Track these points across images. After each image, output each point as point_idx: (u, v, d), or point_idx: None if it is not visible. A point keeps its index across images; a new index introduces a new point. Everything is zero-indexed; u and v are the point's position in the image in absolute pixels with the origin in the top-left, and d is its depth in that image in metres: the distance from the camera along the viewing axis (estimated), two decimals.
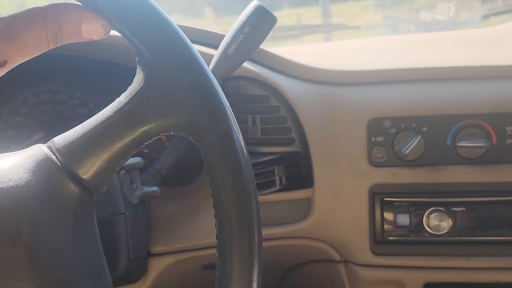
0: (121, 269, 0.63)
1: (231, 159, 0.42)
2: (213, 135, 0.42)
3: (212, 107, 0.42)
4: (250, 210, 0.42)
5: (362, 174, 0.78)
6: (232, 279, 0.41)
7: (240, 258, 0.42)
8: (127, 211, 0.64)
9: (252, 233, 0.42)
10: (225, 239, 0.42)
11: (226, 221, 0.42)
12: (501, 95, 0.75)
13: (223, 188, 0.42)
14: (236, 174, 0.41)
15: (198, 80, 0.42)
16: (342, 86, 0.80)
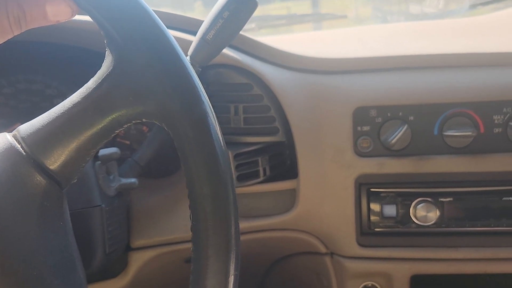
0: (97, 263, 0.61)
1: (206, 147, 0.39)
2: (186, 121, 0.39)
3: (185, 92, 0.40)
4: (226, 201, 0.40)
5: (348, 164, 0.77)
6: (208, 273, 0.39)
7: (216, 251, 0.40)
8: (103, 203, 0.62)
9: (228, 225, 0.40)
10: (200, 231, 0.40)
11: (200, 212, 0.40)
12: (489, 83, 0.74)
13: (197, 178, 0.39)
14: (211, 163, 0.39)
15: (171, 64, 0.40)
16: (327, 75, 0.78)
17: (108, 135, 0.44)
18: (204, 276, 0.39)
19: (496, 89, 0.73)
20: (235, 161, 0.76)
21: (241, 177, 0.77)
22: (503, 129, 0.73)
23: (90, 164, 0.61)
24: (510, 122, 0.73)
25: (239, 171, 0.76)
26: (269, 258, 0.97)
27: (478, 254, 0.77)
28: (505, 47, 0.76)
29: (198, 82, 0.40)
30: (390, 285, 0.81)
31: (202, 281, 0.39)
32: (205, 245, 0.39)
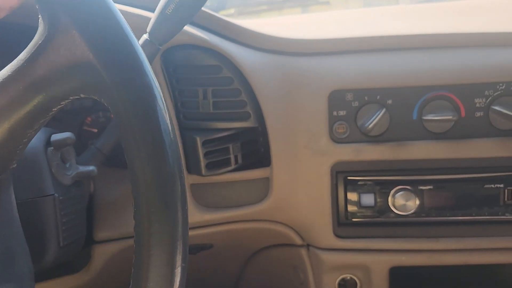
0: (51, 257, 0.57)
1: (148, 124, 0.35)
2: (126, 96, 0.35)
3: (124, 62, 0.35)
4: (171, 185, 0.35)
5: (323, 151, 0.73)
6: (150, 265, 0.35)
7: (159, 241, 0.35)
8: (57, 192, 0.57)
9: (174, 211, 0.35)
10: (142, 219, 0.35)
11: (142, 198, 0.35)
12: (470, 65, 0.70)
13: (138, 160, 0.35)
14: (154, 143, 0.35)
15: (109, 32, 0.35)
16: (301, 56, 0.74)
17: (45, 113, 0.39)
18: (146, 268, 0.35)
19: (478, 71, 0.69)
20: (204, 148, 0.72)
21: (211, 165, 0.73)
22: (485, 113, 0.70)
23: (41, 150, 0.57)
24: (492, 106, 0.69)
25: (209, 159, 0.72)
26: (246, 251, 0.93)
27: (459, 245, 0.74)
28: (486, 28, 0.73)
29: (141, 53, 0.36)
30: (368, 278, 0.77)
31: (144, 273, 0.35)
32: (147, 234, 0.35)
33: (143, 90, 0.35)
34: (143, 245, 0.35)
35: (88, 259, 0.74)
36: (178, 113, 0.73)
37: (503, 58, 0.69)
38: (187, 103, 0.73)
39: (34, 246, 0.53)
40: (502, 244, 0.73)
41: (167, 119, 0.36)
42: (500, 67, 0.69)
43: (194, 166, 0.73)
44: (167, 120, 0.36)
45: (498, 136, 0.70)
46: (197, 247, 0.83)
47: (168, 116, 0.36)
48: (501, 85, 0.69)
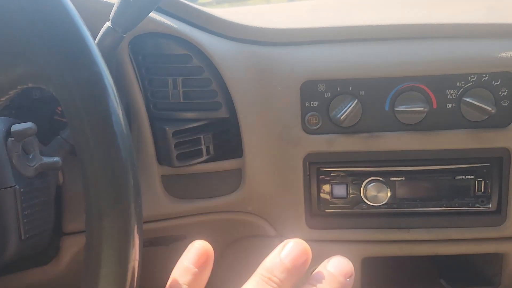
0: (12, 250, 0.55)
1: (96, 115, 0.34)
2: (73, 85, 0.34)
3: (71, 50, 0.34)
4: (122, 176, 0.34)
5: (295, 142, 0.72)
6: (101, 261, 0.34)
7: (110, 236, 0.34)
8: (18, 184, 0.56)
9: (126, 205, 0.35)
10: (92, 213, 0.34)
11: (92, 191, 0.34)
12: (442, 56, 0.70)
13: (87, 150, 0.34)
14: (102, 133, 0.34)
15: (55, 16, 0.34)
16: (273, 46, 0.72)
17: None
18: (96, 264, 0.34)
19: (450, 62, 0.69)
20: (175, 139, 0.70)
21: (181, 156, 0.71)
22: (456, 105, 0.70)
23: (1, 141, 0.55)
24: (464, 97, 0.69)
25: (179, 150, 0.71)
26: (219, 243, 0.92)
27: (429, 236, 0.74)
28: (459, 19, 0.72)
29: (90, 40, 0.35)
30: None
31: (95, 271, 0.34)
32: (98, 228, 0.34)
33: (91, 80, 0.34)
34: (94, 240, 0.34)
35: (57, 251, 0.73)
36: (148, 103, 0.72)
37: (475, 49, 0.69)
38: (157, 93, 0.71)
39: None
40: (471, 235, 0.73)
41: (118, 109, 0.35)
42: (471, 59, 0.69)
43: (165, 157, 0.72)
44: (118, 111, 0.35)
45: (469, 127, 0.70)
46: (170, 238, 0.82)
47: (120, 106, 0.35)
48: (473, 76, 0.68)
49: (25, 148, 0.59)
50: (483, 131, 0.70)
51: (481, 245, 0.74)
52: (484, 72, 0.68)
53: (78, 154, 0.35)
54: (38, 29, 0.34)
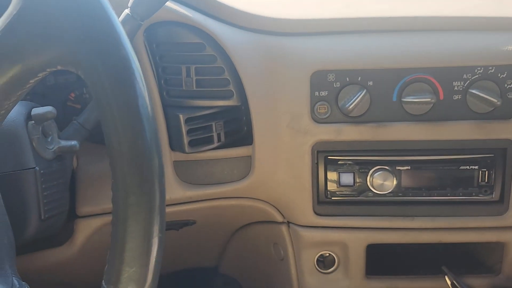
0: (32, 229, 0.58)
1: (123, 96, 0.36)
2: (101, 68, 0.36)
3: (100, 34, 0.36)
4: (147, 157, 0.36)
5: (304, 131, 0.74)
6: (127, 235, 0.36)
7: (136, 212, 0.36)
8: (38, 166, 0.58)
9: (151, 183, 0.36)
10: (118, 190, 0.36)
11: (118, 170, 0.36)
12: (450, 48, 0.71)
13: (114, 131, 0.36)
14: (130, 115, 0.36)
15: (87, 3, 0.36)
16: (285, 36, 0.74)
17: (21, 85, 0.40)
18: (123, 238, 0.36)
19: (457, 54, 0.71)
20: (187, 125, 0.72)
21: (193, 142, 0.73)
22: (463, 96, 0.71)
23: (22, 124, 0.57)
24: (470, 89, 0.71)
25: (191, 136, 0.73)
26: (228, 228, 0.95)
27: (433, 224, 0.76)
28: (466, 12, 0.74)
29: (118, 25, 0.36)
30: (346, 254, 0.80)
31: (121, 244, 0.36)
32: (124, 205, 0.36)
33: (119, 63, 0.36)
34: (120, 217, 0.36)
35: (71, 233, 0.75)
36: (161, 91, 0.73)
37: (482, 42, 0.71)
38: (171, 81, 0.73)
39: (16, 219, 0.54)
40: (474, 224, 0.75)
41: (145, 92, 0.36)
42: (478, 51, 0.70)
43: (177, 143, 0.74)
44: (144, 94, 0.36)
45: (474, 119, 0.72)
46: (180, 223, 0.84)
47: (146, 90, 0.37)
48: (479, 68, 0.70)
49: (44, 132, 0.61)
50: (488, 122, 0.71)
51: (483, 234, 0.76)
52: (490, 65, 0.69)
53: (106, 134, 0.36)
54: (70, 14, 0.35)
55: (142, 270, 0.36)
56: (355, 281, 0.81)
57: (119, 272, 0.36)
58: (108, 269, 0.37)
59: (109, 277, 0.36)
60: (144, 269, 0.36)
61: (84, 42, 0.35)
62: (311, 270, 0.82)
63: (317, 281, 0.82)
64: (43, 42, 0.36)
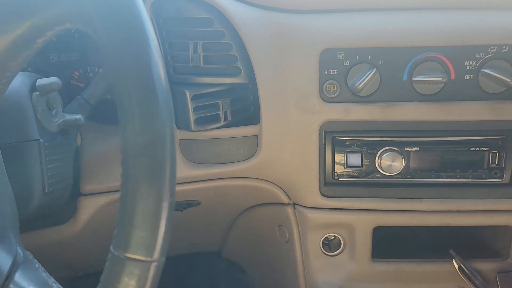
0: (36, 202, 0.56)
1: (137, 56, 0.35)
2: (114, 25, 0.34)
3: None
4: (160, 118, 0.35)
5: (312, 110, 0.73)
6: (137, 197, 0.35)
7: (146, 174, 0.35)
8: (42, 138, 0.57)
9: (162, 144, 0.35)
10: (128, 150, 0.35)
11: (129, 129, 0.35)
12: (462, 27, 0.70)
13: (125, 91, 0.35)
14: (142, 74, 0.34)
15: None
16: (293, 13, 0.73)
17: (29, 45, 0.38)
18: (133, 200, 0.35)
19: (470, 33, 0.69)
20: (194, 103, 0.71)
21: (200, 120, 0.72)
22: (475, 76, 0.70)
23: (26, 94, 0.56)
24: (482, 69, 0.69)
25: (197, 114, 0.72)
26: (233, 209, 0.94)
27: (442, 206, 0.75)
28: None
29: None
30: (352, 236, 0.79)
31: (131, 207, 0.35)
32: (134, 166, 0.35)
33: (132, 22, 0.34)
34: (130, 179, 0.35)
35: (74, 211, 0.74)
36: (168, 67, 0.72)
37: (495, 20, 0.69)
38: (177, 57, 0.72)
39: (20, 191, 0.53)
40: (483, 207, 0.74)
41: (158, 54, 0.35)
42: (492, 30, 0.69)
43: (183, 121, 0.73)
44: (157, 56, 0.35)
45: (486, 99, 0.71)
46: (185, 203, 0.83)
47: (158, 51, 0.36)
48: (493, 48, 0.69)
49: (48, 104, 0.60)
50: (500, 103, 0.70)
51: (492, 217, 0.75)
52: (504, 44, 0.68)
53: (117, 95, 0.35)
54: None
55: (152, 235, 0.35)
56: (361, 264, 0.80)
57: (128, 236, 0.35)
58: (117, 233, 0.36)
59: (118, 241, 0.35)
60: (154, 233, 0.35)
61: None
62: (317, 252, 0.81)
63: (322, 264, 0.81)
64: None
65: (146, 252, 0.35)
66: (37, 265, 0.43)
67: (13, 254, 0.43)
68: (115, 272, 0.35)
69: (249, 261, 1.10)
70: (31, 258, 0.44)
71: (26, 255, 0.44)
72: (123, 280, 0.35)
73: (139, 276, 0.35)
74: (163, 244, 0.36)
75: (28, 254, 0.44)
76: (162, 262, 0.36)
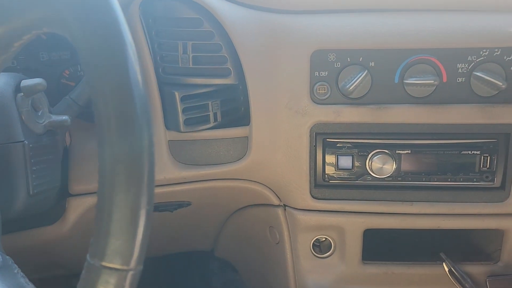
0: (20, 204, 0.56)
1: (114, 59, 0.34)
2: (90, 28, 0.34)
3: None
4: (137, 122, 0.34)
5: (303, 111, 0.72)
6: (113, 205, 0.35)
7: (123, 181, 0.35)
8: (27, 140, 0.56)
9: (139, 150, 0.35)
10: (104, 156, 0.35)
11: (105, 136, 0.35)
12: (455, 29, 0.69)
13: (102, 97, 0.34)
14: (119, 77, 0.34)
15: None
16: (284, 14, 0.72)
17: (6, 49, 0.38)
18: (109, 209, 0.35)
19: (462, 35, 0.69)
20: (183, 104, 0.70)
21: (189, 121, 0.72)
22: (467, 79, 0.69)
23: (10, 96, 0.55)
24: (474, 72, 0.69)
25: (187, 115, 0.71)
26: (224, 211, 0.93)
27: (432, 209, 0.75)
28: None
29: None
30: (342, 239, 0.78)
31: (107, 215, 0.35)
32: (111, 173, 0.34)
33: (108, 24, 0.34)
34: (107, 186, 0.35)
35: (63, 211, 0.73)
36: (157, 67, 0.71)
37: (488, 23, 0.69)
38: (167, 57, 0.71)
39: (3, 193, 0.52)
40: (474, 210, 0.74)
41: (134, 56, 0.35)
42: (484, 33, 0.68)
43: (172, 122, 0.72)
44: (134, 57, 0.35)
45: (478, 102, 0.70)
46: (175, 204, 0.83)
47: (135, 53, 0.35)
48: (485, 51, 0.68)
49: (34, 105, 0.59)
50: (492, 106, 0.70)
51: (483, 220, 0.75)
52: (496, 47, 0.67)
53: (94, 101, 0.35)
54: None
55: (128, 243, 0.34)
56: (351, 266, 0.80)
57: (104, 244, 0.34)
58: (93, 242, 0.35)
59: (94, 250, 0.35)
60: (131, 242, 0.34)
61: (71, 2, 0.33)
62: (307, 254, 0.81)
63: (312, 266, 0.81)
64: (28, 1, 0.34)
65: (122, 260, 0.35)
66: (16, 271, 0.42)
67: None
68: (91, 281, 0.35)
69: (241, 261, 1.10)
70: (10, 264, 0.43)
71: (6, 260, 0.44)
72: None
73: (115, 285, 0.35)
74: (140, 253, 0.35)
75: (8, 259, 0.44)
76: (139, 270, 0.36)
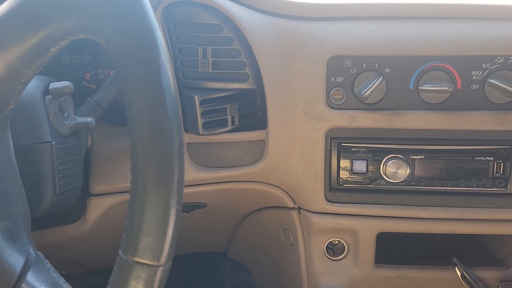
0: (47, 203, 0.58)
1: (147, 65, 0.36)
2: (124, 35, 0.36)
3: (124, 1, 0.36)
4: (169, 126, 0.36)
5: (319, 116, 0.74)
6: (146, 204, 0.36)
7: (155, 181, 0.36)
8: (54, 140, 0.58)
9: (171, 152, 0.36)
10: (137, 159, 0.37)
11: (139, 138, 0.36)
12: (469, 37, 0.70)
13: (135, 102, 0.36)
14: (153, 83, 0.36)
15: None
16: (302, 21, 0.74)
17: (43, 53, 0.40)
18: (141, 207, 0.36)
19: (477, 43, 0.70)
20: (202, 107, 0.72)
21: (207, 124, 0.73)
22: (481, 86, 0.71)
23: (39, 98, 0.57)
24: (489, 79, 0.70)
25: (206, 119, 0.73)
26: (239, 212, 0.95)
27: (446, 214, 0.76)
28: (488, 0, 0.73)
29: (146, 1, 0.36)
30: (356, 242, 0.80)
31: (139, 213, 0.36)
32: (143, 174, 0.36)
33: (143, 30, 0.36)
34: (139, 186, 0.36)
35: (84, 211, 0.75)
36: (177, 71, 0.73)
37: (503, 31, 0.70)
38: (187, 62, 0.73)
39: (31, 192, 0.54)
40: (487, 216, 0.75)
41: (168, 62, 0.36)
42: (499, 40, 0.69)
43: (191, 125, 0.74)
44: (167, 64, 0.36)
45: (492, 109, 0.71)
46: (192, 205, 0.85)
47: (168, 59, 0.37)
48: (499, 58, 0.69)
49: (61, 107, 0.61)
50: (506, 113, 0.71)
51: (495, 226, 0.76)
52: (511, 54, 0.68)
53: (127, 105, 0.36)
54: None
55: (159, 240, 0.36)
56: (364, 269, 0.81)
57: (136, 241, 0.36)
58: (125, 238, 0.37)
59: (126, 246, 0.37)
60: (161, 239, 0.36)
61: (107, 9, 0.35)
62: (321, 256, 0.82)
63: (326, 268, 0.82)
64: (66, 9, 0.36)
65: (153, 256, 0.36)
66: (48, 266, 0.44)
67: (25, 254, 0.44)
68: (123, 276, 0.37)
69: (254, 263, 1.11)
70: (42, 259, 0.45)
71: (38, 255, 0.45)
72: (131, 283, 0.36)
73: (146, 280, 0.36)
74: (169, 250, 0.37)
75: (40, 254, 0.46)
76: (168, 266, 0.37)
